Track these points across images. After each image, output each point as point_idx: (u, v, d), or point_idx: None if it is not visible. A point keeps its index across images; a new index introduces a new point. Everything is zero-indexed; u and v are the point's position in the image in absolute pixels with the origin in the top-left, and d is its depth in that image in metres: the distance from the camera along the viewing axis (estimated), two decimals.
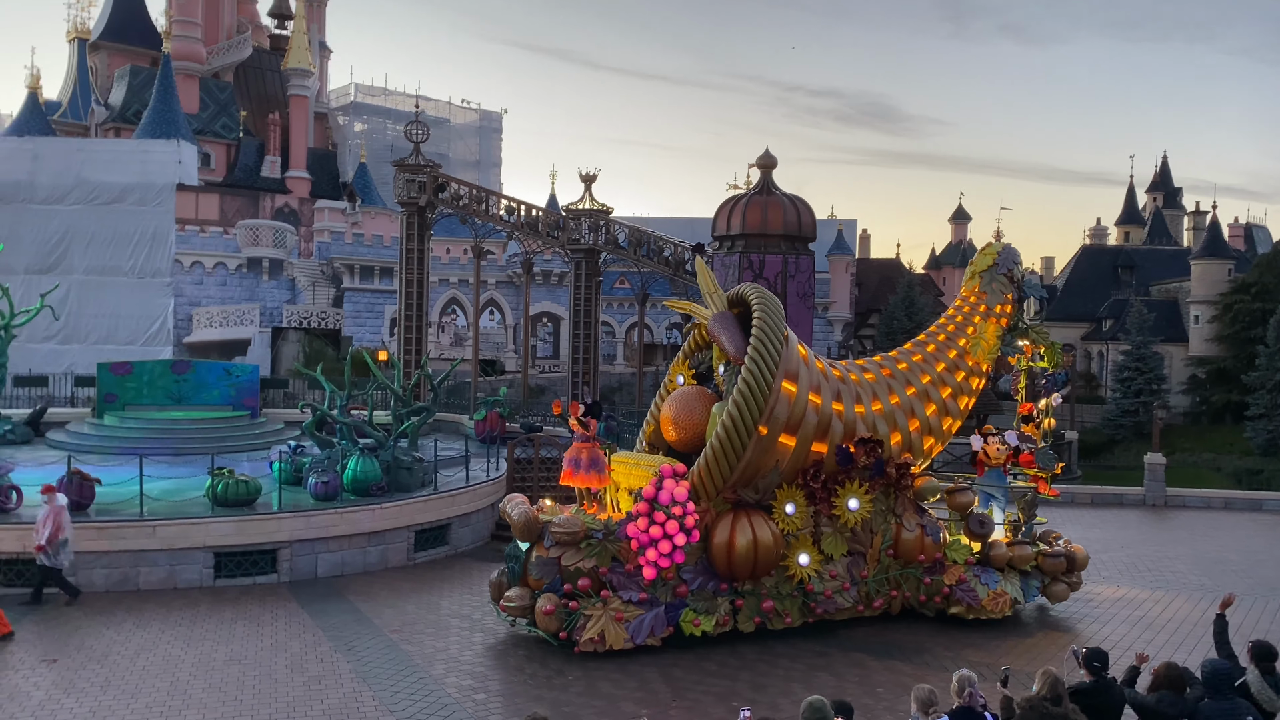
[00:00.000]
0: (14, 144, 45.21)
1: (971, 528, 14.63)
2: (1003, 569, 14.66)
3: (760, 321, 13.11)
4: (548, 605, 12.61)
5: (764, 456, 13.17)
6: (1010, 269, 16.32)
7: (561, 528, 12.80)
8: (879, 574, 14.24)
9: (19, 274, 36.33)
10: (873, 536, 14.15)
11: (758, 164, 26.43)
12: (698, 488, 13.04)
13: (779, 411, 13.04)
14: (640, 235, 32.84)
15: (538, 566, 12.90)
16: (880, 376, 15.02)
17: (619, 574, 12.84)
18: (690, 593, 13.12)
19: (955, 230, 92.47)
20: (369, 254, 57.90)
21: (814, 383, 13.55)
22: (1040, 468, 15.56)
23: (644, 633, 12.81)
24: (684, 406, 14.08)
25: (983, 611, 14.29)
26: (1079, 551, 15.45)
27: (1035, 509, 15.71)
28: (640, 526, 12.68)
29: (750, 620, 13.42)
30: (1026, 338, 16.27)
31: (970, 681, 7.66)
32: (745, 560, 13.03)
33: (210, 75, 67.78)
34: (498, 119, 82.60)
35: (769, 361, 12.87)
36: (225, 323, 52.18)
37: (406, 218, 32.10)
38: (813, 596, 13.69)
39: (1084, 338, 71.45)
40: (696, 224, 50.99)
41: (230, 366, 29.91)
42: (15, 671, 11.94)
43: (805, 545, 13.65)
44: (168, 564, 15.95)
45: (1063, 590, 15.14)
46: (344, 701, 11.17)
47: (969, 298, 16.46)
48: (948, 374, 15.61)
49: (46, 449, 23.61)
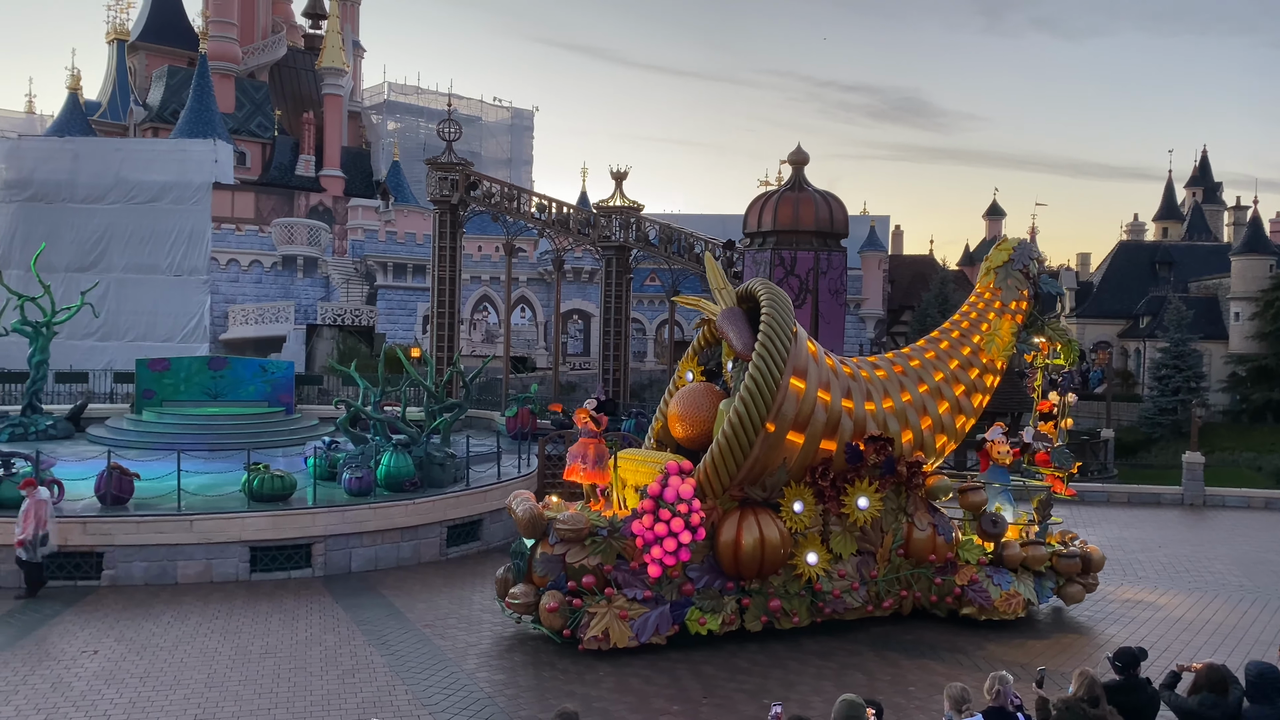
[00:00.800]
0: (55, 144, 45.93)
1: (984, 527, 14.43)
2: (1016, 570, 14.44)
3: (768, 317, 12.95)
4: (552, 602, 12.54)
5: (771, 454, 13.04)
6: (1026, 265, 16.09)
7: (566, 524, 12.74)
8: (889, 574, 14.07)
9: (60, 272, 36.88)
10: (883, 535, 14.00)
11: (789, 160, 26.31)
12: (704, 485, 12.92)
13: (787, 408, 12.89)
14: (671, 232, 32.82)
15: (542, 563, 12.85)
16: (892, 373, 14.80)
17: (624, 572, 12.76)
18: (696, 591, 13.03)
19: (989, 226, 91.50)
20: (402, 252, 58.32)
21: (823, 379, 13.38)
22: (1056, 466, 15.32)
23: (649, 631, 12.72)
24: (691, 403, 13.96)
25: (995, 613, 14.06)
26: (1095, 552, 15.21)
27: (1050, 509, 15.44)
28: (645, 524, 12.59)
29: (757, 619, 13.26)
30: (1042, 334, 16.03)
31: (1004, 681, 7.61)
32: (752, 559, 12.91)
33: (246, 75, 68.57)
34: (529, 117, 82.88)
35: (777, 357, 12.72)
36: (261, 320, 52.78)
37: (439, 216, 32.30)
38: (821, 596, 13.55)
39: (1121, 335, 70.49)
40: (728, 221, 50.83)
41: (266, 363, 30.20)
42: (57, 662, 12.16)
43: (814, 544, 13.53)
44: (205, 558, 16.17)
45: (1078, 591, 14.92)
46: (377, 695, 11.27)
47: (983, 294, 16.22)
48: (961, 371, 15.38)
49: (86, 444, 23.97)
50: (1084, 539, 15.73)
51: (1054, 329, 16.08)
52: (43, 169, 41.83)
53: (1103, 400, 54.79)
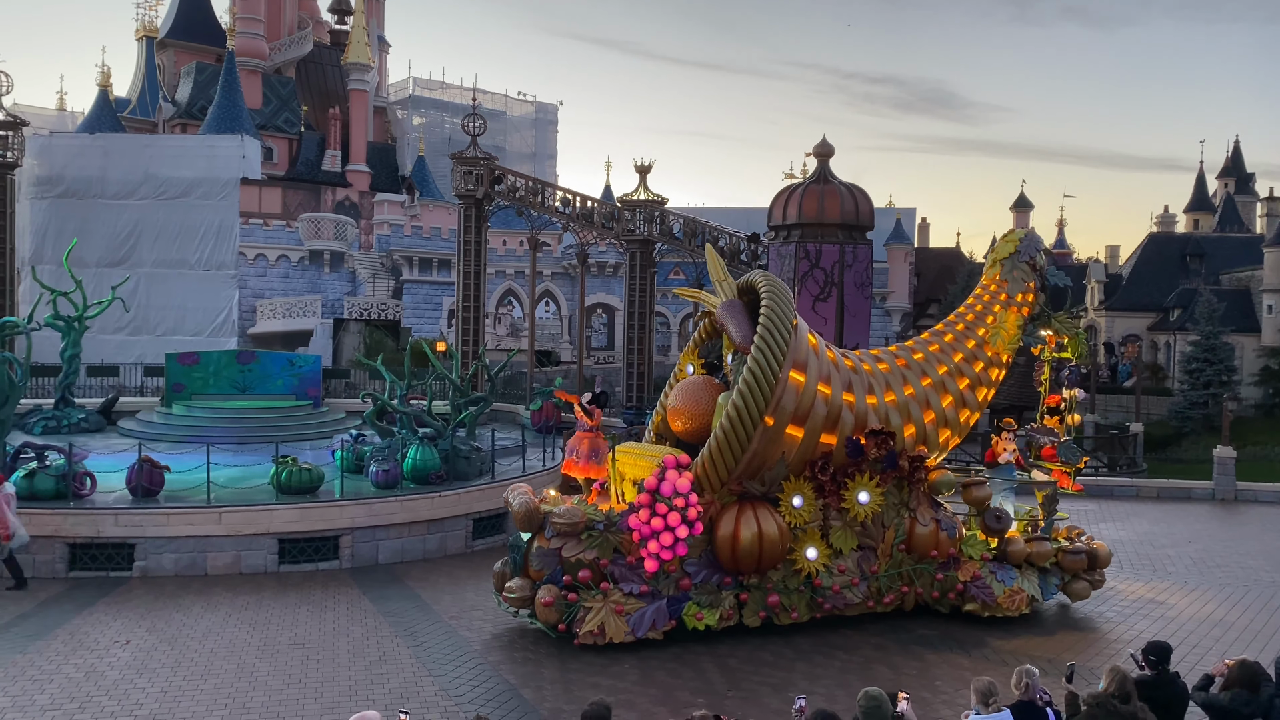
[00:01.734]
0: (86, 141, 46.46)
1: (988, 523, 14.25)
2: (1020, 566, 14.24)
3: (768, 309, 12.76)
4: (547, 597, 12.46)
5: (770, 448, 12.88)
6: (1032, 257, 15.82)
7: (562, 518, 12.61)
8: (891, 569, 13.88)
9: (91, 267, 37.31)
10: (884, 531, 13.79)
11: (814, 152, 26.16)
12: (701, 479, 12.79)
13: (786, 402, 12.74)
14: (695, 225, 32.77)
15: (538, 557, 12.77)
16: (895, 367, 14.59)
17: (620, 566, 12.67)
18: (694, 586, 12.91)
19: (1017, 219, 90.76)
20: (427, 246, 58.59)
21: (824, 373, 13.19)
22: (1063, 462, 15.04)
23: (645, 626, 12.61)
24: (690, 396, 13.81)
25: (998, 609, 13.85)
26: (1101, 549, 14.99)
27: (1056, 504, 15.19)
28: (642, 518, 12.49)
29: (755, 615, 13.15)
30: (1049, 328, 15.73)
31: (1031, 675, 7.56)
32: (750, 554, 12.78)
33: (273, 71, 69.04)
34: (553, 111, 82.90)
35: (776, 350, 12.57)
36: (288, 314, 53.19)
37: (464, 210, 32.43)
38: (820, 591, 13.39)
39: (1150, 328, 69.71)
40: (752, 214, 50.66)
41: (293, 357, 30.47)
42: (90, 651, 12.33)
43: (813, 539, 13.38)
44: (234, 549, 16.34)
45: (1083, 588, 14.67)
46: (404, 686, 11.36)
47: (989, 286, 15.95)
48: (965, 365, 15.13)
49: (118, 437, 24.28)
50: (1090, 535, 15.48)
51: (1061, 322, 15.78)
52: (74, 165, 42.30)
53: (1132, 394, 54.22)
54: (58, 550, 15.87)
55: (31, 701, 10.74)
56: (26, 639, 12.78)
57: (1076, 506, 23.67)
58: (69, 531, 15.95)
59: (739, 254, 31.76)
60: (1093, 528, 21.24)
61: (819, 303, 24.13)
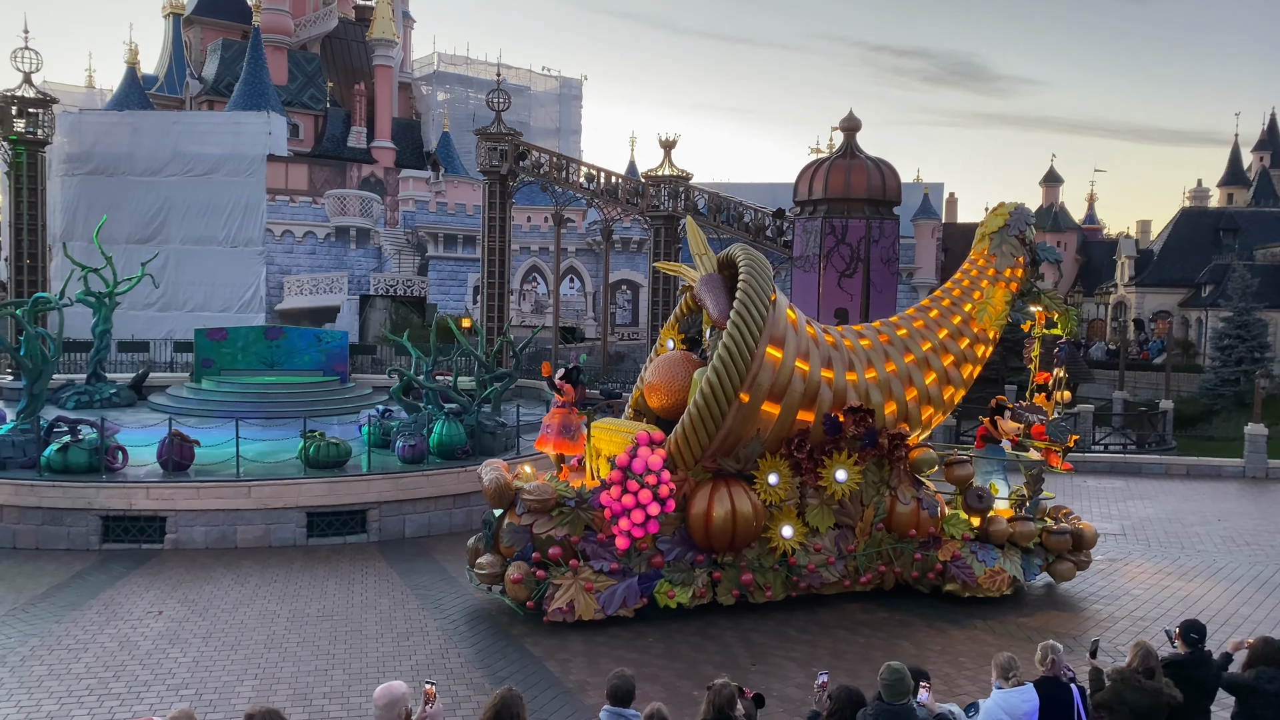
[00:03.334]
0: (115, 118, 46.80)
1: (970, 502, 14.02)
2: (1003, 546, 13.95)
3: (744, 284, 12.45)
4: (516, 573, 12.34)
5: (745, 425, 12.63)
6: (1022, 230, 15.38)
7: (532, 494, 12.45)
8: (870, 548, 13.66)
9: (120, 244, 37.69)
10: (863, 509, 13.55)
11: (841, 127, 25.97)
12: (674, 456, 12.57)
13: (762, 378, 12.45)
14: (720, 201, 32.63)
15: (509, 533, 12.64)
16: (877, 343, 14.25)
17: (592, 543, 12.54)
18: (666, 564, 12.76)
19: (1046, 193, 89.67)
20: (452, 223, 58.71)
21: (802, 349, 12.89)
22: (1052, 440, 14.64)
23: (615, 603, 12.49)
24: (666, 372, 13.53)
25: (979, 590, 13.59)
26: (1087, 529, 14.62)
27: (1041, 484, 14.82)
28: (613, 495, 12.31)
29: (729, 593, 13.02)
30: (1039, 303, 15.33)
31: (1056, 650, 7.54)
32: (723, 531, 12.61)
33: (298, 47, 69.20)
34: (578, 86, 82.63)
35: (752, 326, 12.26)
36: (315, 290, 53.54)
37: (488, 186, 32.44)
38: (796, 570, 13.21)
39: (1182, 304, 68.83)
40: (778, 189, 50.33)
41: (320, 333, 30.68)
42: (124, 621, 12.56)
43: (789, 517, 13.14)
44: (263, 523, 16.54)
45: (1068, 569, 14.37)
46: (431, 657, 11.49)
47: (977, 260, 15.48)
48: (951, 341, 14.75)
49: (148, 412, 24.58)
50: (1077, 515, 15.11)
51: (1050, 297, 15.39)
52: (103, 142, 42.66)
53: (1162, 371, 53.64)
54: (91, 522, 16.13)
55: (68, 670, 10.96)
56: (62, 608, 13.03)
57: (1104, 484, 23.52)
58: (102, 504, 16.20)
59: (764, 229, 31.61)
60: (1120, 505, 21.12)
61: (845, 278, 24.02)
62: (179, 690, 10.46)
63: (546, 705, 10.06)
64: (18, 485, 16.27)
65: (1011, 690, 7.17)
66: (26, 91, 30.00)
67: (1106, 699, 7.47)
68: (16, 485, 16.27)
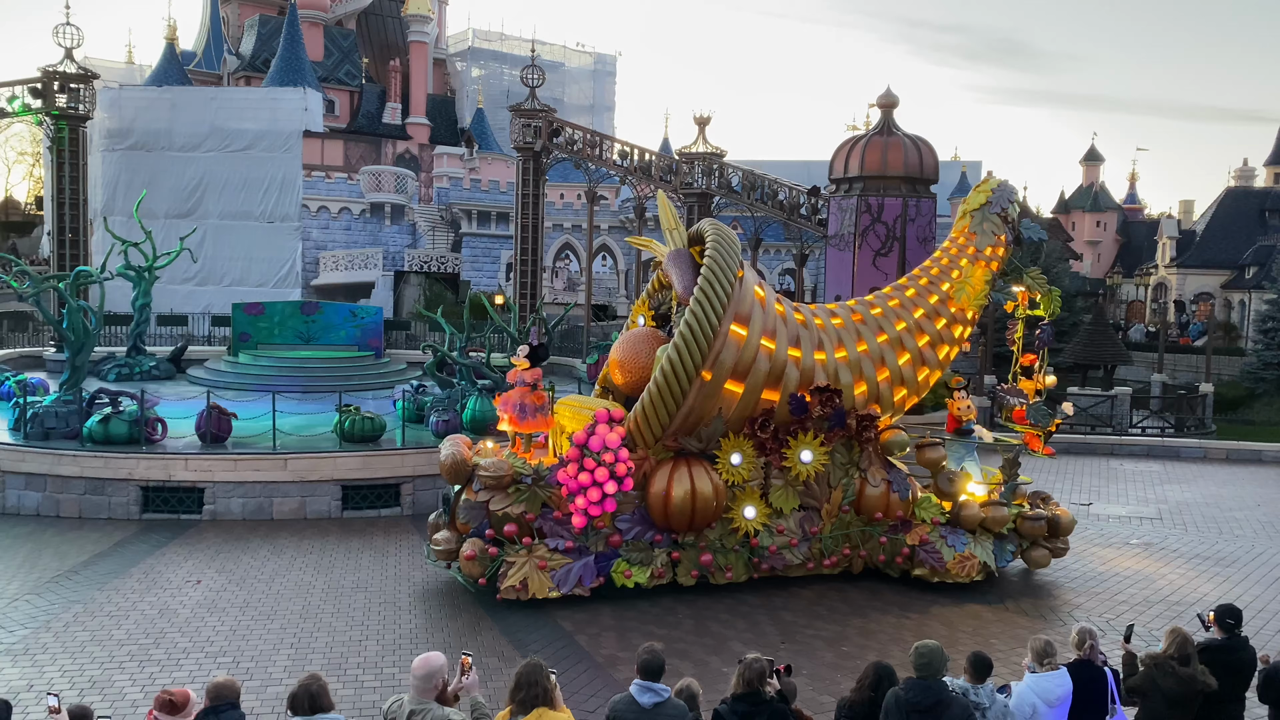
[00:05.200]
0: (154, 94, 47.19)
1: (940, 486, 13.71)
2: (974, 531, 13.61)
3: (710, 259, 12.17)
4: (469, 550, 12.19)
5: (707, 404, 12.39)
6: (1004, 208, 14.89)
7: (488, 471, 12.25)
8: (837, 530, 13.44)
9: (160, 219, 38.06)
10: (831, 491, 13.30)
11: (878, 103, 25.59)
12: (634, 434, 12.35)
13: (725, 356, 12.19)
14: (754, 179, 32.38)
15: (465, 510, 12.49)
16: (849, 322, 13.93)
17: (548, 521, 12.41)
18: (625, 543, 12.58)
19: (1087, 172, 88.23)
20: (486, 199, 58.79)
21: (768, 326, 12.63)
22: (1032, 424, 14.26)
23: (570, 582, 12.35)
24: (630, 349, 13.30)
25: (948, 575, 13.30)
26: (1064, 515, 14.25)
27: (1017, 468, 14.43)
28: (570, 473, 12.12)
29: (688, 574, 12.83)
30: (1021, 283, 14.87)
31: (1091, 634, 7.47)
32: (682, 511, 12.40)
33: (334, 23, 69.38)
34: (612, 62, 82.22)
35: (715, 303, 11.99)
36: (350, 266, 53.92)
37: (522, 163, 32.43)
38: (758, 551, 13.02)
39: (1224, 285, 67.66)
40: (813, 167, 49.87)
41: (356, 308, 30.94)
42: (164, 590, 12.80)
43: (752, 498, 12.91)
44: (299, 495, 16.76)
45: (1043, 556, 13.97)
46: (463, 629, 11.62)
47: (957, 238, 15.04)
48: (927, 320, 14.37)
49: (187, 385, 24.94)
50: (1056, 501, 14.73)
51: (1034, 277, 14.89)
52: (143, 118, 43.04)
53: (1202, 354, 52.81)
54: (131, 493, 16.43)
55: (110, 636, 11.20)
56: (104, 576, 13.31)
57: (1140, 468, 23.25)
58: (142, 475, 16.50)
59: (799, 207, 31.36)
60: (1157, 489, 20.87)
61: (880, 257, 23.76)
62: (217, 658, 10.66)
63: (577, 679, 10.14)
64: (60, 455, 16.61)
65: (1045, 674, 7.10)
66: (68, 67, 30.31)
67: (1139, 684, 7.40)
68: (60, 455, 16.61)
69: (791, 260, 51.60)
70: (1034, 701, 7.01)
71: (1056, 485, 21.14)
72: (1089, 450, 25.66)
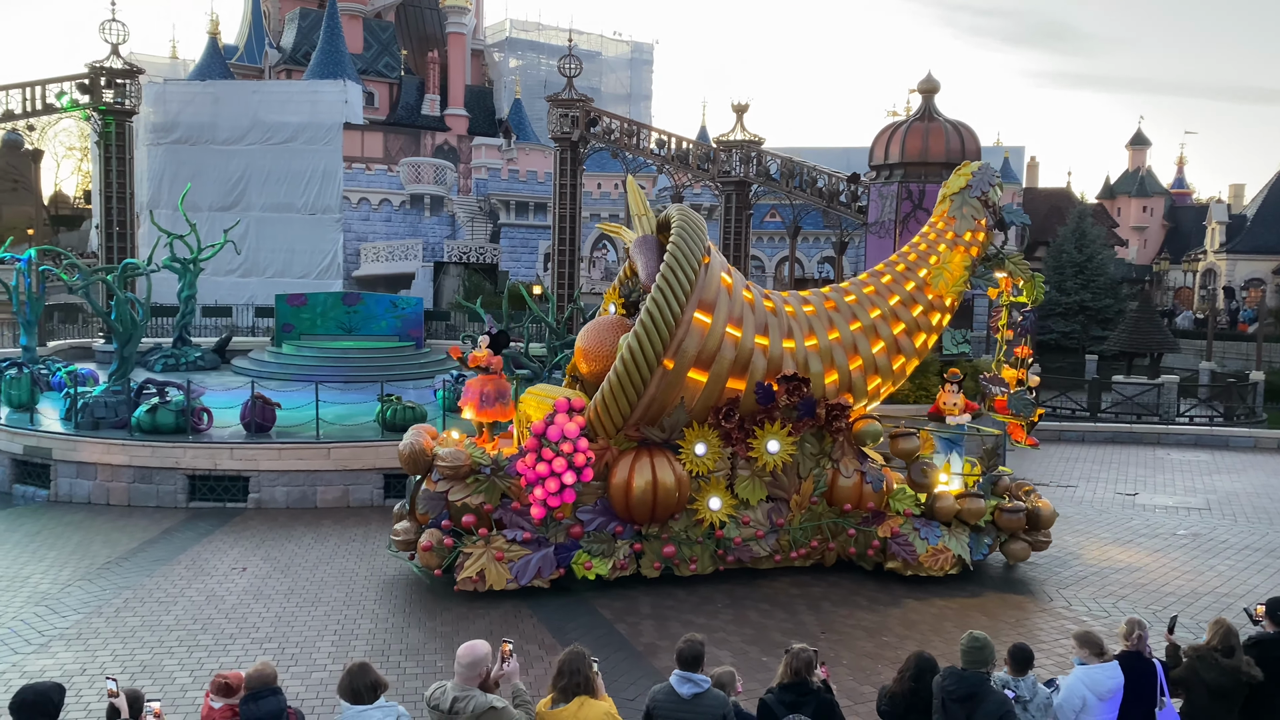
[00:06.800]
0: (198, 88, 47.89)
1: (914, 476, 13.34)
2: (949, 523, 13.27)
3: (673, 245, 11.88)
4: (426, 541, 12.09)
5: (670, 393, 12.13)
6: (984, 192, 14.39)
7: (446, 461, 12.10)
8: (808, 522, 13.16)
9: (204, 211, 38.69)
10: (800, 481, 13.06)
11: (919, 89, 25.35)
12: (594, 424, 12.15)
13: (688, 344, 11.92)
14: (793, 166, 32.19)
15: (425, 500, 12.36)
16: (821, 309, 13.57)
17: (508, 511, 12.28)
18: (586, 534, 12.41)
19: (1133, 157, 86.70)
20: (523, 190, 59.00)
21: (735, 314, 12.35)
22: (1014, 413, 13.88)
23: (529, 574, 12.19)
24: (595, 337, 12.98)
25: (920, 568, 12.97)
26: (1045, 507, 13.75)
27: (996, 458, 14.01)
28: (528, 463, 11.97)
29: (651, 565, 12.62)
30: (1003, 269, 14.43)
31: (1141, 626, 7.36)
32: (643, 503, 12.19)
33: (373, 15, 69.85)
34: (649, 50, 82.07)
35: (678, 290, 11.70)
36: (390, 257, 54.39)
37: (559, 153, 32.49)
38: (723, 543, 12.80)
39: (1276, 271, 66.19)
40: (852, 154, 49.47)
41: (396, 299, 31.19)
42: (210, 577, 13.03)
43: (717, 489, 12.70)
44: (342, 483, 16.97)
45: (1022, 549, 13.58)
46: (504, 617, 11.70)
47: (936, 223, 14.59)
48: (902, 308, 13.95)
49: (232, 375, 25.29)
50: (1039, 493, 14.27)
51: (1016, 263, 14.44)
52: (187, 112, 43.73)
53: (1252, 341, 51.72)
54: (178, 481, 16.73)
55: (159, 621, 11.42)
56: (153, 563, 13.58)
57: (1188, 458, 22.85)
58: (188, 464, 16.79)
59: (838, 194, 31.13)
60: (1205, 479, 20.51)
61: None
62: (262, 644, 10.83)
63: (617, 666, 10.18)
64: (109, 444, 16.96)
65: (1096, 666, 6.95)
66: (114, 63, 30.83)
67: (1183, 676, 7.29)
68: (109, 444, 16.96)
69: (830, 248, 51.29)
70: (1084, 694, 6.89)
71: (1101, 475, 20.85)
72: (1135, 439, 25.27)
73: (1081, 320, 54.75)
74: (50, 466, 17.25)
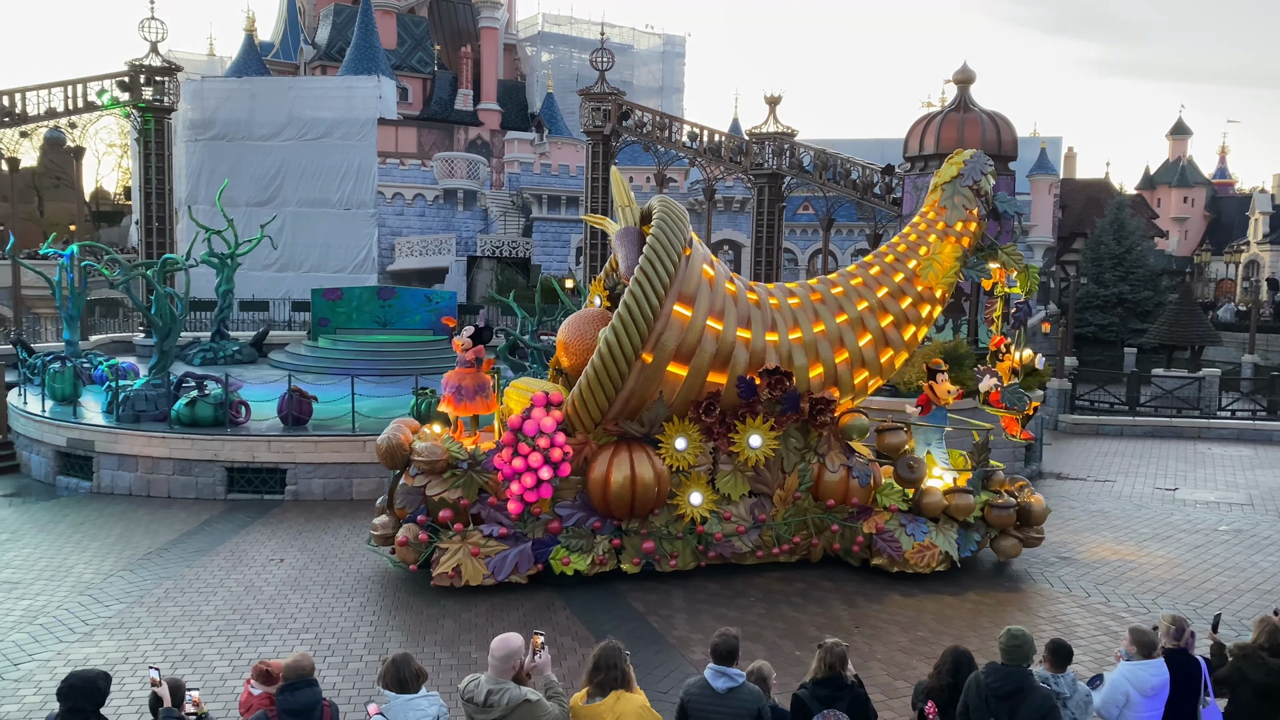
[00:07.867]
0: (235, 84, 48.34)
1: (900, 472, 13.10)
2: (937, 519, 13.06)
3: (653, 237, 11.70)
4: (403, 536, 12.10)
5: (649, 386, 11.99)
6: (976, 181, 14.12)
7: (423, 455, 12.06)
8: (793, 517, 13.01)
9: (241, 207, 39.05)
10: (784, 476, 12.86)
11: (954, 79, 25.07)
12: (572, 418, 12.07)
13: (668, 338, 11.77)
14: (826, 158, 31.98)
15: (402, 495, 12.33)
16: (807, 301, 13.32)
17: (485, 506, 12.21)
18: (565, 529, 12.31)
19: (1173, 147, 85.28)
20: (555, 184, 59.08)
21: (716, 307, 12.16)
22: (1007, 407, 13.60)
23: (506, 569, 12.12)
24: (576, 330, 12.93)
25: (907, 565, 12.78)
26: (1037, 503, 13.50)
27: (987, 453, 13.71)
28: (504, 458, 11.89)
29: (631, 561, 12.52)
30: (996, 259, 14.14)
31: (1186, 623, 7.24)
32: (621, 498, 12.09)
33: (406, 11, 70.21)
34: (681, 43, 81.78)
35: (656, 282, 11.54)
36: (424, 252, 54.67)
37: (591, 146, 32.51)
38: (705, 539, 12.68)
39: None
40: (886, 145, 49.03)
41: (430, 293, 31.40)
42: (248, 568, 13.20)
43: (699, 484, 12.56)
44: (378, 476, 17.10)
45: (1013, 545, 13.34)
46: (537, 608, 11.76)
47: (927, 213, 14.33)
48: (891, 300, 13.62)
49: (269, 368, 25.60)
50: (1031, 489, 14.00)
51: (1009, 254, 14.17)
52: (224, 108, 44.14)
53: None
54: (217, 473, 16.97)
55: (199, 611, 11.60)
56: (193, 554, 13.78)
57: (1230, 452, 22.49)
58: (227, 456, 17.02)
59: (872, 186, 30.89)
60: (1247, 474, 20.17)
61: None
62: (300, 634, 10.96)
63: (649, 660, 10.20)
64: (150, 437, 17.22)
65: (1140, 663, 6.82)
66: (153, 60, 31.24)
67: (1228, 675, 7.18)
68: (149, 437, 17.22)
69: (864, 240, 50.86)
70: (1128, 690, 6.76)
71: (1140, 469, 20.58)
72: (1175, 434, 24.91)
73: (1120, 313, 53.99)
74: (93, 459, 17.56)
